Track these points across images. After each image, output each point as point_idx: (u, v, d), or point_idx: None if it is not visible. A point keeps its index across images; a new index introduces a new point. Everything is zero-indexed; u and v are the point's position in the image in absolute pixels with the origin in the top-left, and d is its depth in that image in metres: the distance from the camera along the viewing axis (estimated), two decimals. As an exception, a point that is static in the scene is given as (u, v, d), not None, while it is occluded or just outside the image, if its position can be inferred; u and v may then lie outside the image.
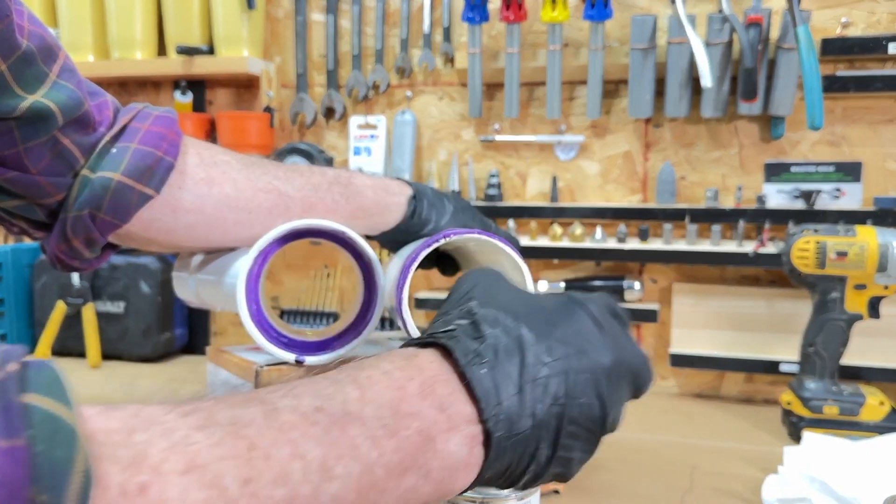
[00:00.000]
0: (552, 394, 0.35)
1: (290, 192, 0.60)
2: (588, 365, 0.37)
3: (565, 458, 0.37)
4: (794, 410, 0.88)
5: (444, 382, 0.34)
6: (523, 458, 0.35)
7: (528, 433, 0.35)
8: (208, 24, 1.25)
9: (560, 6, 1.04)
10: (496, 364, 0.34)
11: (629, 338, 0.41)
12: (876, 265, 0.83)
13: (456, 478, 0.34)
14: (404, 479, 0.31)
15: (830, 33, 1.01)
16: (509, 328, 0.36)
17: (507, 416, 0.34)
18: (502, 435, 0.34)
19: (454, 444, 0.33)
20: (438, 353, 0.36)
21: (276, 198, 0.59)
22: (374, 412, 0.31)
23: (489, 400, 0.34)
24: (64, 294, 1.24)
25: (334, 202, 0.62)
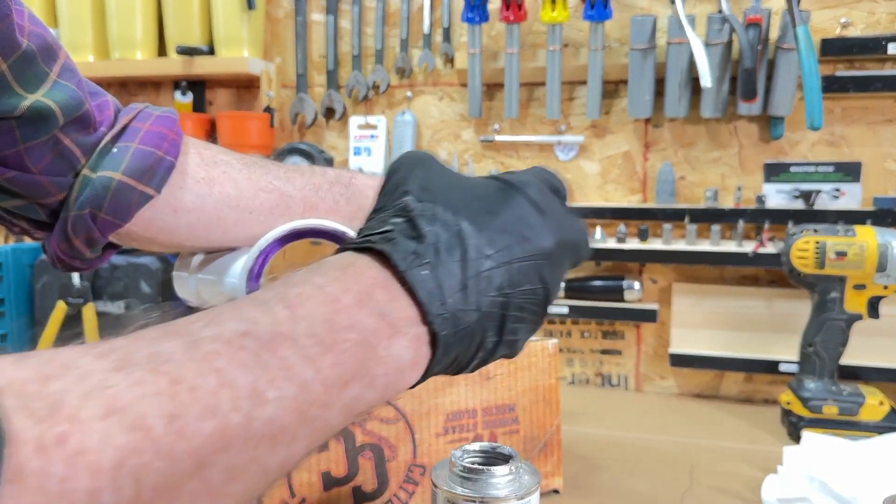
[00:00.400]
0: (496, 285, 0.35)
1: (291, 191, 0.60)
2: (531, 251, 0.37)
3: (512, 341, 0.37)
4: (794, 410, 0.88)
5: (383, 289, 0.33)
6: (470, 348, 0.35)
7: (474, 326, 0.34)
8: (208, 25, 1.25)
9: (560, 6, 1.04)
10: (438, 263, 0.34)
11: (568, 213, 0.41)
12: (875, 265, 0.83)
13: (402, 379, 0.33)
14: (347, 390, 0.30)
15: (830, 33, 1.01)
16: (448, 223, 0.35)
17: (452, 314, 0.33)
18: (448, 332, 0.33)
19: (398, 349, 0.32)
20: (376, 258, 0.34)
21: (276, 198, 0.59)
22: (307, 329, 0.30)
23: (433, 301, 0.33)
24: (64, 294, 1.24)
25: (335, 202, 0.62)
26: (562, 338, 1.17)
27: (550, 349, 0.70)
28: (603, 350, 1.16)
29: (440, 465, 0.50)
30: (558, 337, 1.17)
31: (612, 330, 1.15)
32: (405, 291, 0.33)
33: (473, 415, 0.67)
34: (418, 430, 0.64)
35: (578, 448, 0.85)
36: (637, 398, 1.11)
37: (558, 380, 0.71)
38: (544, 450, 0.70)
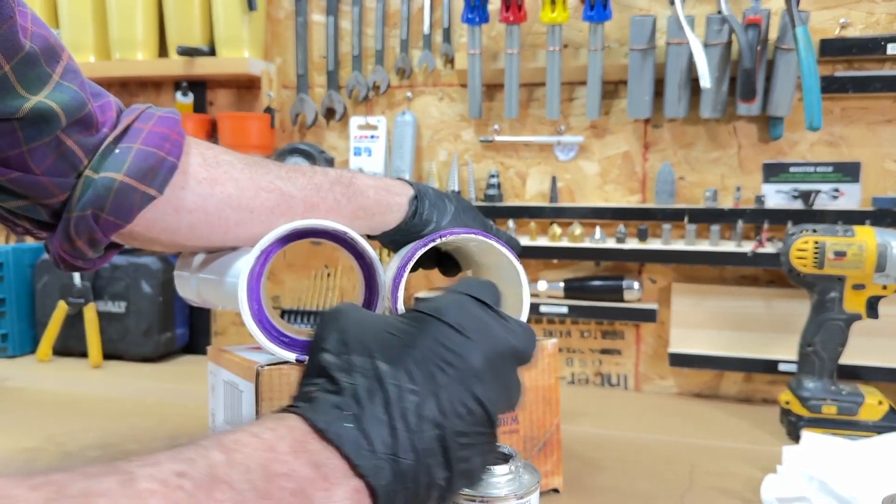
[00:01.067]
0: (429, 418, 0.34)
1: (293, 191, 0.60)
2: (456, 375, 0.36)
3: (465, 470, 0.36)
4: (793, 410, 0.88)
5: (314, 440, 0.33)
6: (420, 490, 0.34)
7: (415, 466, 0.34)
8: (209, 25, 1.25)
9: (559, 7, 1.04)
10: (361, 412, 0.34)
11: (498, 320, 0.40)
12: (874, 265, 0.83)
13: None
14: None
15: (829, 34, 1.02)
16: (365, 369, 0.35)
17: (386, 460, 0.33)
18: (386, 482, 0.33)
19: (337, 500, 0.32)
20: (302, 418, 0.34)
21: (278, 197, 0.60)
22: (243, 475, 0.30)
23: (360, 452, 0.33)
24: (65, 294, 1.24)
25: (336, 202, 0.63)
26: (561, 337, 1.17)
27: (550, 349, 0.71)
28: (602, 350, 1.16)
29: None
30: (558, 337, 1.17)
31: (611, 330, 1.15)
32: (332, 448, 0.33)
33: (473, 414, 0.67)
34: (418, 430, 0.64)
35: (578, 448, 0.85)
36: (636, 398, 1.11)
37: (558, 379, 0.72)
38: (544, 449, 0.71)
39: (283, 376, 0.59)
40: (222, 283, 0.60)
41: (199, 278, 0.65)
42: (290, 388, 0.58)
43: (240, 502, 0.29)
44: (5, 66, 0.46)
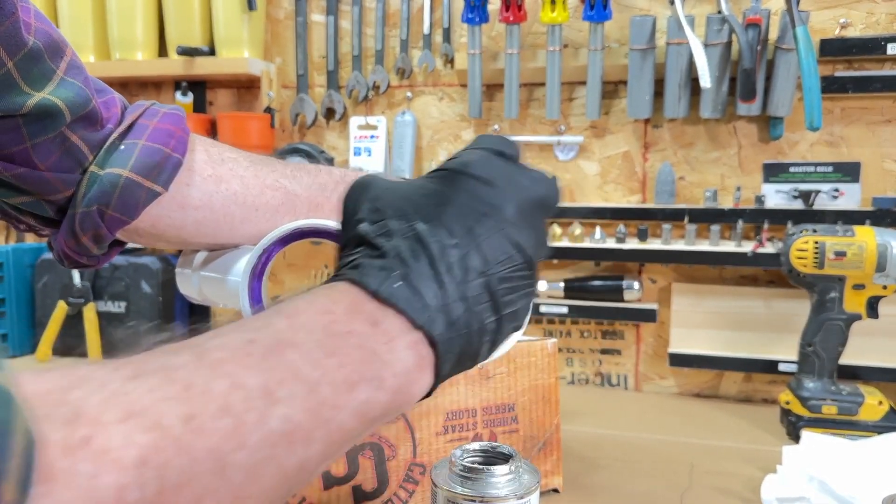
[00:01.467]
0: (474, 269, 0.36)
1: (298, 190, 0.60)
2: (493, 225, 0.37)
3: (512, 313, 0.38)
4: (793, 410, 0.88)
5: (368, 302, 0.34)
6: (472, 336, 0.36)
7: (466, 313, 0.35)
8: (209, 25, 1.25)
9: (559, 7, 1.04)
10: (408, 271, 0.34)
11: (522, 170, 0.41)
12: (874, 265, 0.83)
13: (413, 381, 0.34)
14: (356, 392, 0.31)
15: (829, 34, 1.02)
16: (405, 231, 0.36)
17: (438, 311, 0.34)
18: (442, 331, 0.34)
19: (399, 352, 0.33)
20: (352, 286, 0.35)
21: (283, 196, 0.60)
22: (308, 336, 0.31)
23: (414, 306, 0.34)
24: (65, 294, 1.24)
25: (340, 201, 0.63)
26: (561, 337, 1.17)
27: (550, 348, 0.71)
28: (602, 350, 1.16)
29: (440, 465, 0.50)
30: (558, 336, 1.17)
31: (611, 329, 1.15)
32: (387, 305, 0.34)
33: (473, 414, 0.67)
34: (418, 430, 0.64)
35: (578, 447, 0.85)
36: (636, 398, 1.11)
37: (558, 379, 0.72)
38: (544, 449, 0.71)
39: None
40: (224, 282, 0.60)
41: (201, 276, 0.65)
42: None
43: (309, 358, 0.30)
44: (8, 62, 0.46)
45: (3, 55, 0.46)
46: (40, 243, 1.35)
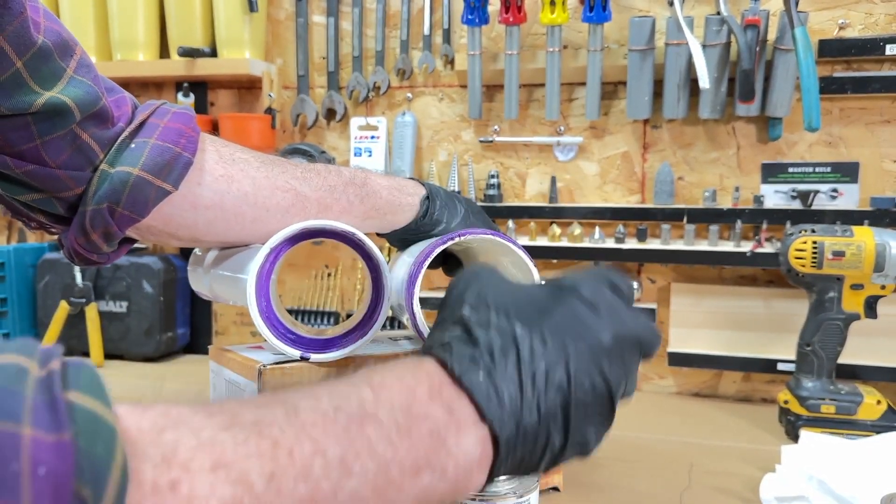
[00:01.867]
0: (555, 383, 0.36)
1: (307, 192, 0.61)
2: (586, 347, 0.37)
3: (581, 441, 0.38)
4: (792, 409, 0.88)
5: (449, 386, 0.35)
6: (536, 449, 0.36)
7: (537, 426, 0.35)
8: (210, 26, 1.25)
9: (559, 8, 1.04)
10: (493, 367, 0.35)
11: (628, 308, 0.41)
12: (873, 265, 0.84)
13: (471, 476, 0.35)
14: (420, 477, 0.32)
15: (828, 34, 1.02)
16: (502, 328, 0.37)
17: (511, 415, 0.35)
18: (509, 433, 0.35)
19: (466, 445, 0.34)
20: (439, 364, 0.37)
21: (293, 197, 0.60)
22: (388, 413, 0.32)
23: (490, 402, 0.35)
24: (67, 294, 1.25)
25: (349, 203, 0.63)
26: (561, 337, 1.17)
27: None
28: (602, 350, 1.16)
29: None
30: (558, 337, 1.17)
31: (611, 330, 1.15)
32: (464, 393, 0.35)
33: (474, 414, 0.67)
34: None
35: (578, 447, 0.85)
36: (635, 397, 1.11)
37: (558, 379, 0.72)
38: (544, 448, 0.71)
39: (286, 375, 0.59)
40: (234, 280, 0.61)
41: (212, 274, 0.66)
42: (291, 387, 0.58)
43: (386, 437, 0.31)
44: (18, 61, 0.46)
45: (11, 54, 0.46)
46: (41, 243, 1.35)
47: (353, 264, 1.27)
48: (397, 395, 0.33)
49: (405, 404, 0.33)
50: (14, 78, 0.47)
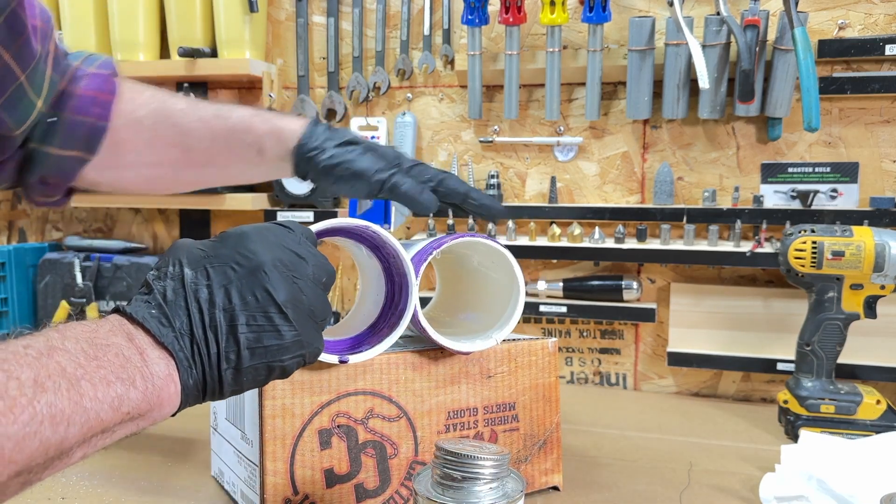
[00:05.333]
0: (218, 304, 0.43)
1: (193, 144, 0.66)
2: (244, 272, 0.44)
3: (256, 348, 0.43)
4: (791, 409, 0.89)
5: (128, 324, 0.42)
6: (212, 360, 0.42)
7: (205, 337, 0.42)
8: (211, 27, 1.25)
9: (559, 9, 1.04)
10: (164, 304, 0.42)
11: (294, 240, 0.47)
12: (872, 265, 0.84)
13: (161, 388, 0.40)
14: (111, 388, 0.38)
15: (827, 35, 1.02)
16: (174, 273, 0.44)
17: (183, 335, 0.41)
18: (185, 351, 0.41)
19: (150, 362, 0.40)
20: (121, 315, 0.43)
21: (179, 153, 0.66)
22: (74, 344, 0.38)
23: (162, 328, 0.41)
24: (67, 294, 1.25)
25: (237, 147, 0.67)
26: (561, 337, 1.18)
27: (550, 348, 0.71)
28: (601, 349, 1.17)
29: (423, 472, 0.50)
30: (557, 336, 1.18)
31: (610, 329, 1.16)
32: (140, 327, 0.41)
33: (474, 412, 0.67)
34: (420, 428, 0.65)
35: (577, 446, 0.85)
36: (635, 397, 1.12)
37: (557, 378, 0.72)
38: (544, 447, 0.71)
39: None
40: None
41: None
42: (292, 385, 0.59)
43: (74, 360, 0.37)
44: (21, 76, 0.48)
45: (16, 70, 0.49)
46: (42, 243, 1.35)
47: (353, 264, 1.27)
48: (81, 332, 0.39)
49: (89, 337, 0.39)
50: (17, 92, 0.49)
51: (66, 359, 0.37)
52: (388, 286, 0.64)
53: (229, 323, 0.42)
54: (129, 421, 0.39)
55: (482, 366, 0.68)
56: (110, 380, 0.38)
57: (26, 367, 0.35)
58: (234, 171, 0.68)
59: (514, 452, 0.70)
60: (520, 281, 0.66)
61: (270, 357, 0.44)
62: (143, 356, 0.40)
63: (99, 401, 0.37)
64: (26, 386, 0.34)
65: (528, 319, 1.18)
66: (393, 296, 0.63)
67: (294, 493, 0.60)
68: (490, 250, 0.65)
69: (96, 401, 0.37)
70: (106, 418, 0.37)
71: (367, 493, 0.62)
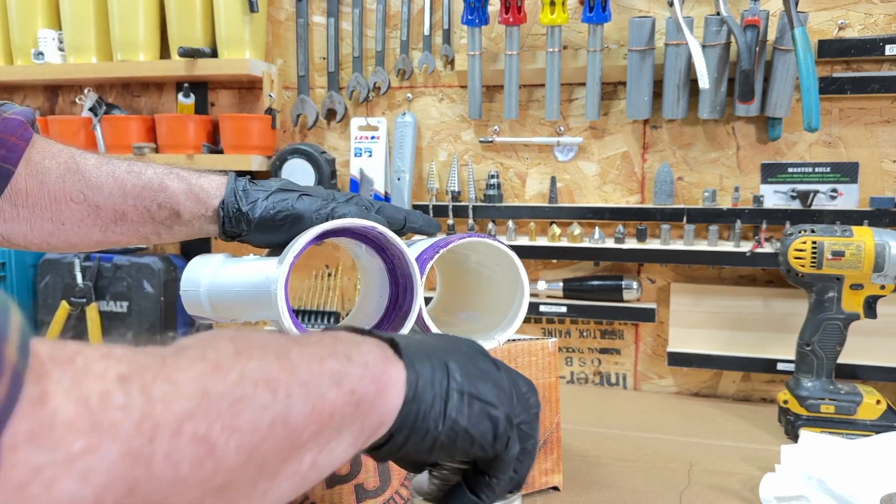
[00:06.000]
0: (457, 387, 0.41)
1: (100, 201, 0.63)
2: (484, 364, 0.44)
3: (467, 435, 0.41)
4: (791, 409, 0.89)
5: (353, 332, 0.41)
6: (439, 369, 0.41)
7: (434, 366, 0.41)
8: (211, 27, 1.26)
9: (559, 9, 1.04)
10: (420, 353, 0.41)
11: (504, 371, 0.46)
12: (872, 265, 0.84)
13: (383, 370, 0.38)
14: (325, 363, 0.35)
15: (827, 35, 1.02)
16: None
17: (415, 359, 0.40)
18: (405, 344, 0.40)
19: (365, 346, 0.38)
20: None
21: (85, 208, 0.63)
22: (267, 335, 0.36)
23: (383, 336, 0.40)
24: (67, 294, 1.25)
25: (146, 210, 0.64)
26: (561, 337, 1.18)
27: (550, 348, 0.71)
28: (601, 349, 1.17)
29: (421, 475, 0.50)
30: (557, 336, 1.18)
31: (610, 329, 1.16)
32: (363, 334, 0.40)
33: (473, 413, 0.67)
34: (419, 429, 0.65)
35: (578, 446, 0.85)
36: (635, 397, 1.12)
37: (557, 378, 0.72)
38: (544, 447, 0.71)
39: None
40: (249, 293, 0.60)
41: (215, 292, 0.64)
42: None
43: (275, 341, 0.35)
44: None
45: None
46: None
47: (353, 264, 1.27)
48: (271, 334, 0.37)
49: (302, 337, 0.38)
50: None
51: (265, 339, 0.34)
52: (393, 287, 0.64)
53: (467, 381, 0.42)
54: (355, 410, 0.35)
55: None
56: (322, 355, 0.35)
57: (223, 341, 0.32)
58: (147, 231, 0.64)
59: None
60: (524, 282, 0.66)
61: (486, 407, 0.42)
62: (359, 346, 0.38)
63: (316, 374, 0.34)
64: (226, 353, 0.31)
65: (528, 319, 1.18)
66: (397, 297, 0.63)
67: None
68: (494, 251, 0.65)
69: (312, 374, 0.33)
70: (331, 398, 0.34)
71: (368, 494, 0.63)
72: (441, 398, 0.40)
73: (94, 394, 0.25)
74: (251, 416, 0.30)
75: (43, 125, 1.30)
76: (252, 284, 0.59)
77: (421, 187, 1.23)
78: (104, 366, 0.26)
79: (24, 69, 1.30)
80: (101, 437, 0.24)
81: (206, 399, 0.28)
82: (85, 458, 0.24)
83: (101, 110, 1.31)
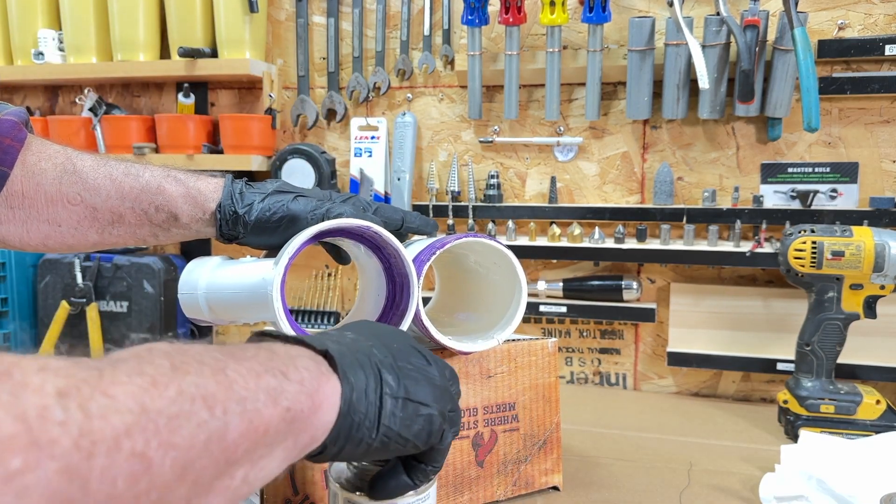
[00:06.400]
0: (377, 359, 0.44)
1: (97, 203, 0.62)
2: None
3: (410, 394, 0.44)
4: (791, 409, 0.89)
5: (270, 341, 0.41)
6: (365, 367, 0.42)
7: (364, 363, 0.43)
8: (211, 27, 1.26)
9: (559, 9, 1.05)
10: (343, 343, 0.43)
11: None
12: (872, 265, 0.84)
13: (318, 386, 0.38)
14: (262, 379, 0.35)
15: (827, 35, 1.02)
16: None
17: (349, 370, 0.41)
18: (336, 351, 0.41)
19: (300, 360, 0.39)
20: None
21: (82, 210, 0.62)
22: (203, 348, 0.36)
23: (314, 340, 0.41)
24: (67, 294, 1.25)
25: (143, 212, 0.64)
26: (561, 337, 1.18)
27: (550, 348, 0.71)
28: (601, 349, 1.17)
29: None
30: (557, 336, 1.18)
31: (610, 329, 1.16)
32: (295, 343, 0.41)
33: (474, 412, 0.67)
34: (419, 428, 0.65)
35: (578, 446, 0.85)
36: (635, 397, 1.12)
37: (557, 378, 0.72)
38: (544, 447, 0.71)
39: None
40: (246, 295, 0.60)
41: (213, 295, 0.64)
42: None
43: (211, 356, 0.35)
44: None
45: None
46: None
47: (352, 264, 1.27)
48: (206, 347, 0.37)
49: (236, 349, 0.37)
50: None
51: (201, 353, 0.34)
52: (390, 286, 0.64)
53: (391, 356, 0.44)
54: (289, 426, 0.36)
55: (482, 366, 0.68)
56: (258, 371, 0.35)
57: (159, 356, 0.32)
58: (144, 233, 0.64)
59: (514, 452, 0.70)
60: (522, 282, 0.66)
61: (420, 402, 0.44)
62: (294, 361, 0.38)
63: (252, 391, 0.34)
64: (163, 369, 0.31)
65: (528, 319, 1.18)
66: (394, 296, 0.63)
67: (294, 494, 0.60)
68: (492, 251, 0.65)
69: (249, 390, 0.34)
70: (267, 415, 0.34)
71: (367, 493, 0.62)
72: (375, 406, 0.42)
73: (32, 409, 0.25)
74: (188, 433, 0.30)
75: (43, 125, 1.30)
76: (249, 286, 0.59)
77: (421, 187, 1.23)
78: (41, 379, 0.26)
79: (24, 69, 1.30)
80: (39, 454, 0.24)
81: (143, 415, 0.28)
82: (23, 477, 0.24)
83: (101, 110, 1.31)
